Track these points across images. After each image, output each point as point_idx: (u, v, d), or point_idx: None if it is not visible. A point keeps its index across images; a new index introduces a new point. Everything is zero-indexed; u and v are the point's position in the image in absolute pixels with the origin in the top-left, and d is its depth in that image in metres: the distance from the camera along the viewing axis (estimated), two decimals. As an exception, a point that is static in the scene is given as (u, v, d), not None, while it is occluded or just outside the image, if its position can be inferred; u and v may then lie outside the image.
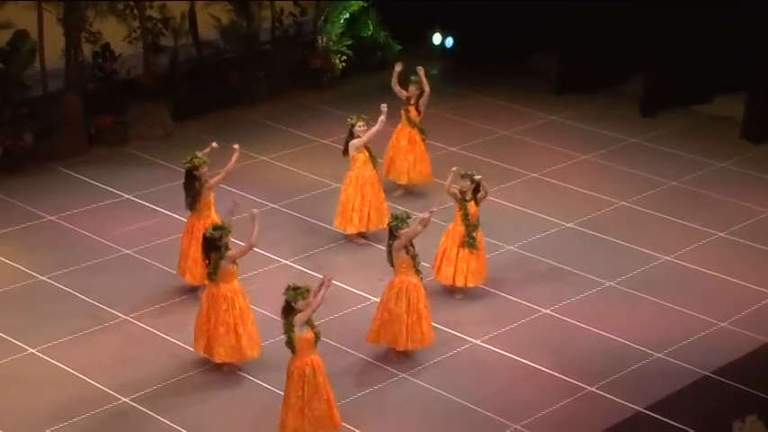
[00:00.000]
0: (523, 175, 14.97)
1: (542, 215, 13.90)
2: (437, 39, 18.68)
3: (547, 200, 14.29)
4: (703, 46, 16.43)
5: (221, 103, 16.43)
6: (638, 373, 10.95)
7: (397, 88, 14.06)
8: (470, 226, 11.83)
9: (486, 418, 10.26)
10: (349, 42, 17.33)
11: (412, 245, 10.79)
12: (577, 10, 16.90)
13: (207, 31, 16.85)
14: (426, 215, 10.78)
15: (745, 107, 16.11)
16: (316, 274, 12.45)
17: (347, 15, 17.48)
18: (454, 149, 15.67)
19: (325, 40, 17.39)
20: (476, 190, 11.97)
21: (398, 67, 14.00)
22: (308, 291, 9.41)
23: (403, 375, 10.77)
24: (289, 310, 9.42)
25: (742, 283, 12.50)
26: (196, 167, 11.61)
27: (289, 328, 9.38)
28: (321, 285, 9.52)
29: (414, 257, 10.76)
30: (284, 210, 13.88)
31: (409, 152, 14.00)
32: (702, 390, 10.74)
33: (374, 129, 12.80)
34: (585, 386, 10.73)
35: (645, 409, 10.41)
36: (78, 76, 15.54)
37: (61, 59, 15.43)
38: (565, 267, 12.73)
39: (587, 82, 17.35)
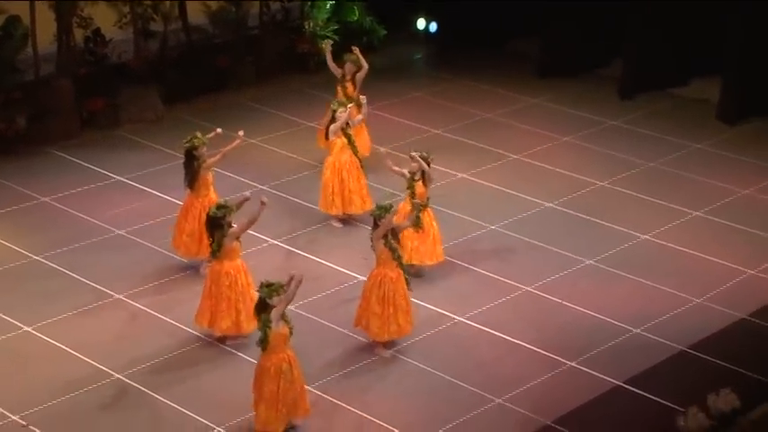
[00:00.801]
0: (506, 157, 15.01)
1: (524, 195, 13.94)
2: (421, 24, 18.66)
3: (529, 180, 14.34)
4: (680, 31, 16.47)
5: (210, 86, 16.40)
6: (616, 349, 11.01)
7: (332, 65, 14.09)
8: (416, 206, 11.60)
9: (469, 392, 10.32)
10: (335, 27, 17.29)
11: (395, 237, 10.66)
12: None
13: (196, 16, 16.81)
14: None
15: (721, 90, 16.16)
16: (303, 253, 12.51)
17: (333, 1, 17.44)
18: (438, 132, 15.68)
19: (311, 25, 17.35)
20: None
21: (327, 46, 14.20)
22: (281, 287, 9.30)
23: (389, 352, 10.81)
24: (263, 307, 9.33)
25: (717, 260, 12.58)
26: (195, 147, 11.65)
27: (266, 324, 9.29)
28: (291, 280, 9.37)
29: (393, 250, 10.58)
30: (272, 191, 13.88)
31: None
32: (678, 364, 10.82)
33: (345, 116, 12.70)
34: (566, 361, 10.80)
35: (623, 383, 10.48)
36: (70, 61, 15.49)
37: (53, 44, 15.38)
38: (546, 246, 12.78)
39: (568, 66, 17.37)
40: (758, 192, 14.20)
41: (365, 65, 13.99)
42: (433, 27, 18.59)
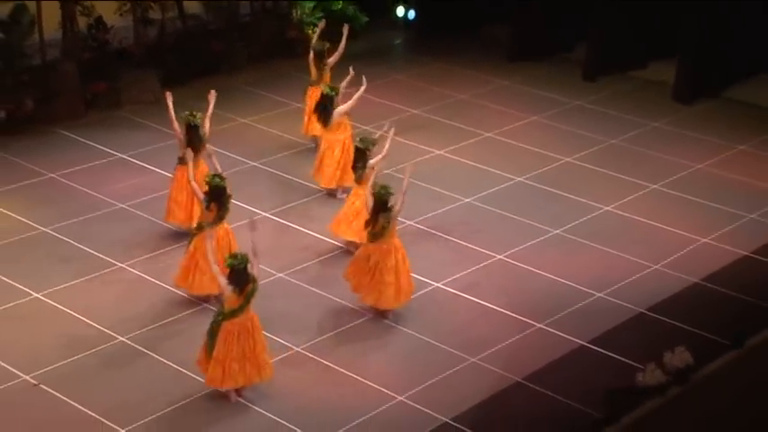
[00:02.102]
0: (479, 135, 14.95)
1: (496, 171, 13.90)
2: (400, 11, 18.55)
3: (500, 157, 14.29)
4: (639, 18, 16.42)
5: (205, 70, 16.26)
6: (580, 312, 11.03)
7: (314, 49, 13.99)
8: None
9: (447, 352, 10.32)
10: (321, 15, 17.15)
11: (387, 213, 10.46)
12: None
13: (191, 4, 16.66)
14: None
15: (676, 72, 16.14)
16: (294, 225, 12.45)
17: (319, -10, 17.33)
18: (416, 112, 15.60)
19: (299, 13, 17.22)
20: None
21: (322, 25, 14.20)
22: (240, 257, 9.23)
23: (373, 315, 10.78)
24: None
25: (673, 230, 12.59)
26: (193, 117, 11.62)
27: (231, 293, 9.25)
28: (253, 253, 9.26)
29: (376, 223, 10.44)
30: (264, 167, 13.80)
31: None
32: (637, 325, 10.85)
33: (357, 95, 12.80)
34: (535, 323, 10.81)
35: (587, 342, 10.51)
36: (74, 47, 15.33)
37: (58, 31, 15.22)
38: (516, 217, 12.76)
39: (536, 50, 17.30)
40: (710, 166, 14.21)
41: (342, 48, 13.88)
42: (412, 14, 18.49)
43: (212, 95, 11.98)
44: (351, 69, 13.22)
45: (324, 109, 12.81)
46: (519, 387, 9.87)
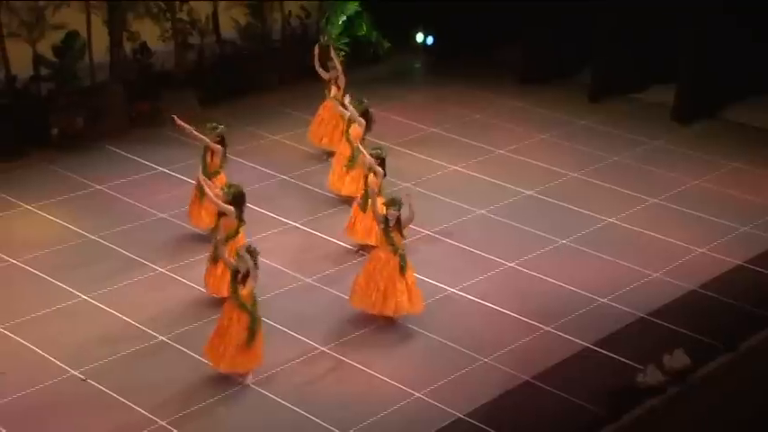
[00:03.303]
0: (491, 152, 14.93)
1: (507, 185, 13.86)
2: (420, 37, 18.55)
3: (511, 172, 14.26)
4: (641, 44, 16.36)
5: (240, 91, 16.32)
6: (586, 316, 10.98)
7: (320, 70, 13.98)
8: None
9: (461, 353, 10.29)
10: (346, 40, 17.21)
11: (397, 227, 10.34)
12: (538, 11, 16.81)
13: (228, 30, 16.73)
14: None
15: (675, 95, 16.06)
16: (320, 234, 12.45)
17: (345, 18, 17.35)
18: (434, 130, 15.60)
19: (326, 38, 17.26)
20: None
21: (318, 50, 14.08)
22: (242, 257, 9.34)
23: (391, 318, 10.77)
24: (234, 276, 9.41)
25: (672, 240, 12.52)
26: (219, 133, 11.76)
27: (234, 289, 9.40)
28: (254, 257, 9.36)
29: (389, 237, 10.31)
30: (293, 180, 13.83)
31: (329, 122, 13.85)
32: (639, 329, 10.78)
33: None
34: (543, 326, 10.76)
35: (591, 344, 10.45)
36: (121, 69, 15.42)
37: (106, 55, 15.30)
38: (526, 228, 12.72)
39: (545, 73, 17.26)
40: (707, 182, 14.12)
41: (340, 68, 13.91)
42: (430, 40, 18.50)
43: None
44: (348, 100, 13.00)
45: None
46: (528, 385, 9.82)
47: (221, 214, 10.49)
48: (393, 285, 10.39)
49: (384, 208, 10.44)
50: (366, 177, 11.65)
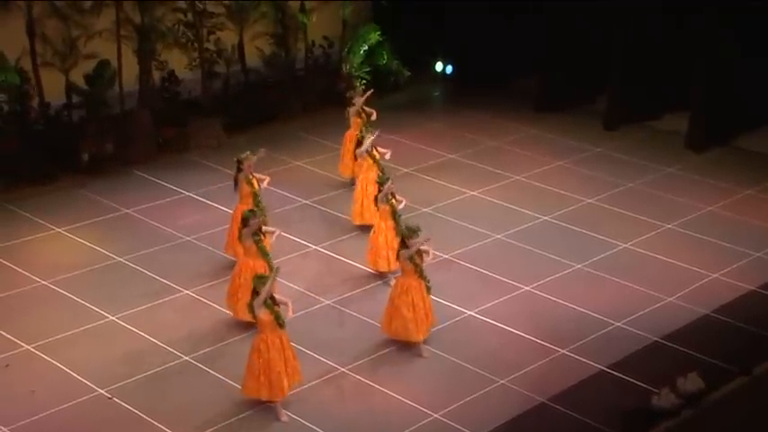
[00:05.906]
0: (509, 178, 14.92)
1: (524, 210, 13.85)
2: (439, 66, 18.62)
3: (528, 198, 14.24)
4: (655, 73, 16.36)
5: (264, 118, 16.41)
6: (600, 339, 10.91)
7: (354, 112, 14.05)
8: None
9: (478, 374, 10.25)
10: (368, 69, 17.30)
11: (419, 255, 10.39)
12: (553, 42, 16.85)
13: (253, 59, 16.84)
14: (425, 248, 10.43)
15: (689, 123, 16.02)
16: (340, 257, 12.47)
17: (366, 47, 17.45)
18: (452, 156, 15.62)
19: (348, 67, 17.36)
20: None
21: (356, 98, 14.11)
22: (265, 278, 9.34)
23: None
24: (254, 294, 9.37)
25: (685, 265, 12.44)
26: (241, 161, 11.75)
27: (250, 309, 9.41)
28: (273, 276, 9.36)
29: (416, 265, 10.37)
30: (314, 205, 13.87)
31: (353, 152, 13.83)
32: (653, 352, 10.71)
33: (370, 140, 12.74)
34: (559, 349, 10.71)
35: (606, 367, 10.39)
36: (149, 97, 15.56)
37: (135, 83, 15.46)
38: (542, 252, 12.69)
39: (561, 102, 17.27)
40: (720, 209, 14.05)
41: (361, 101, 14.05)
42: (449, 69, 18.57)
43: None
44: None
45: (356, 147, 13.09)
46: (544, 407, 9.77)
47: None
48: (429, 308, 10.54)
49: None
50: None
